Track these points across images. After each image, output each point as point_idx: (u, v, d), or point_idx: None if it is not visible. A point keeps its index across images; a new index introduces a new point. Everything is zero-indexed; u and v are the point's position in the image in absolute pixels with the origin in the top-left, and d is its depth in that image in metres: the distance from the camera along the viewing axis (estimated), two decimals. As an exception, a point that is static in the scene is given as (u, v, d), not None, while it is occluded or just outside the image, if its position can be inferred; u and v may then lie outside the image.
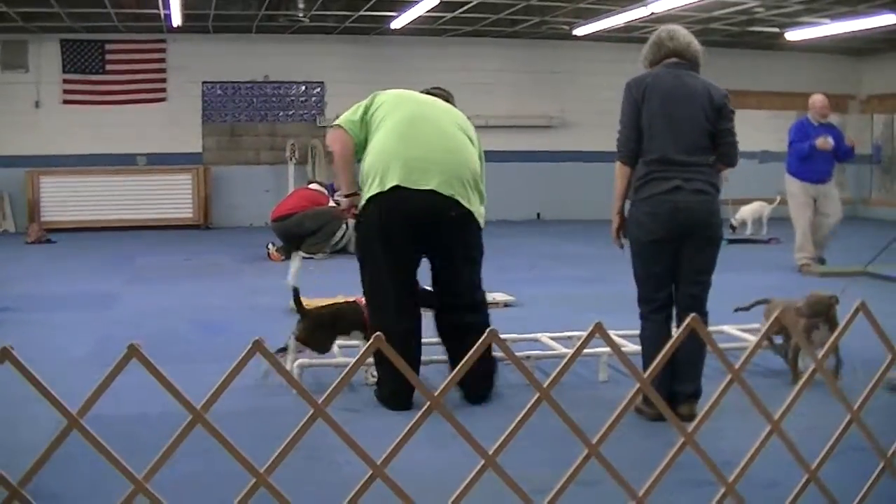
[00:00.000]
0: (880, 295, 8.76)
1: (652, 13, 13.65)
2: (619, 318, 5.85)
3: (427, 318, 5.69)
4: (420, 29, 15.94)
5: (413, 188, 5.36)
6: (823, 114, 10.98)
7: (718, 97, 5.12)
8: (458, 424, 2.16)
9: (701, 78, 5.19)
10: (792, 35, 16.32)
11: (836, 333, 2.44)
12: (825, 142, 10.58)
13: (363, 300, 5.85)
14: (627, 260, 5.31)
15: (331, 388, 2.11)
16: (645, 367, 4.74)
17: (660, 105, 5.07)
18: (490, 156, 5.69)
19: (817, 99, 11.05)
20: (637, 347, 5.41)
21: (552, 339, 6.69)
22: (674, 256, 5.09)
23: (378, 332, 2.12)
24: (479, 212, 5.62)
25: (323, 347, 6.02)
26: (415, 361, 5.40)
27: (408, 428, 2.05)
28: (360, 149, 5.59)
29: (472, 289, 5.65)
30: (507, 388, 5.84)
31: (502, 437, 2.09)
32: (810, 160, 10.69)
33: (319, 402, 2.07)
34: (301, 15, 14.21)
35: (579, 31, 16.12)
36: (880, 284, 10.01)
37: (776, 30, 16.17)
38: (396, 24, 15.24)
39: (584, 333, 2.07)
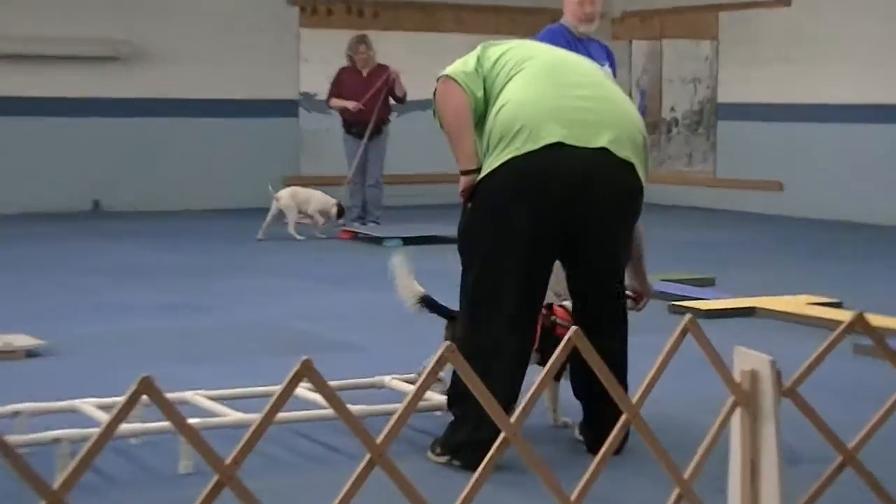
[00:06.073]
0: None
1: None
2: (211, 369, 5.84)
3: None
4: None
5: (580, 146, 4.49)
6: (588, 17, 6.91)
7: None
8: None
9: None
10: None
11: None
12: None
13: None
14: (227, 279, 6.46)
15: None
16: None
17: None
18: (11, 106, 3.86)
19: None
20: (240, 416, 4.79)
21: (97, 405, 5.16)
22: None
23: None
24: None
25: None
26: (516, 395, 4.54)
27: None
28: (476, 110, 4.70)
29: (614, 299, 4.85)
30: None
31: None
32: None
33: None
34: None
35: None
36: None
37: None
38: None
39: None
